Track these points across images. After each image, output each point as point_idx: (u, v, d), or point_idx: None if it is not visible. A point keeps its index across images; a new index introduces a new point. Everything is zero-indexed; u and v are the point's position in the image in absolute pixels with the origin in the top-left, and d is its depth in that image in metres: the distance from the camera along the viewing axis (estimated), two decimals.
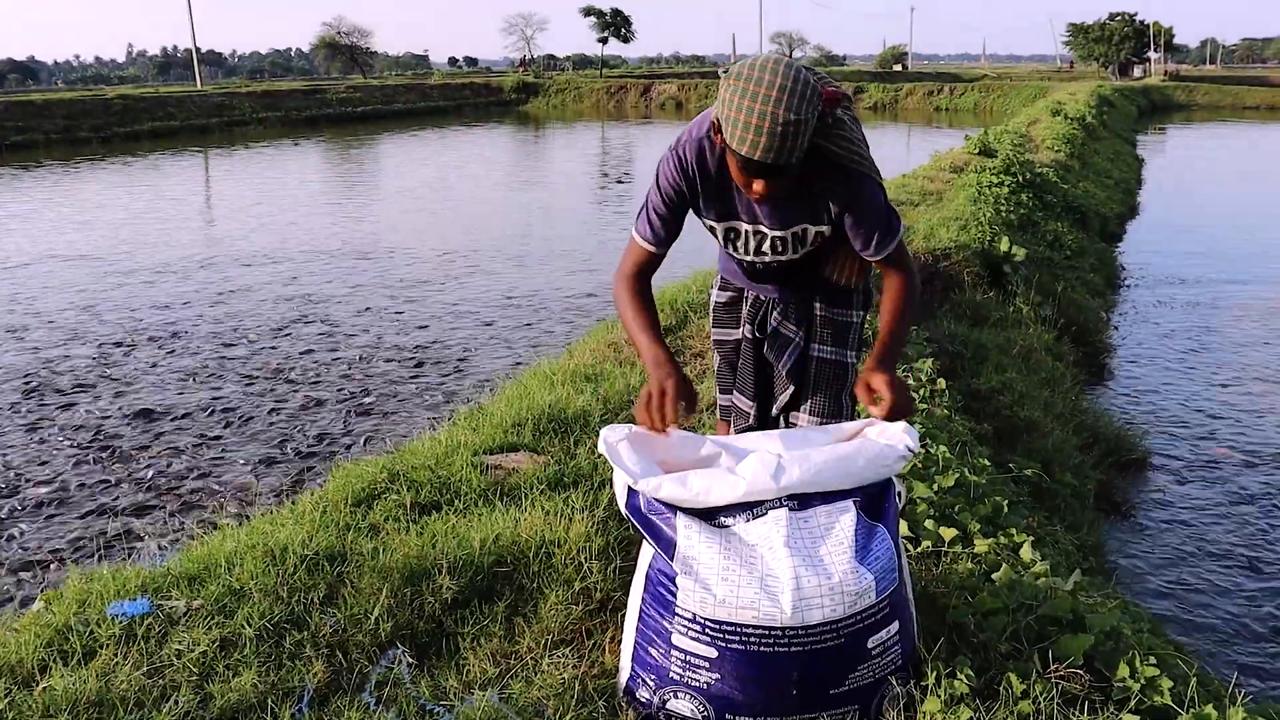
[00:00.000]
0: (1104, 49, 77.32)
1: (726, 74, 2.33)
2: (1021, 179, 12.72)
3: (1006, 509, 3.76)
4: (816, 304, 2.89)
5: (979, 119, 43.47)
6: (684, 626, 2.37)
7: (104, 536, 5.56)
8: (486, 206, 20.30)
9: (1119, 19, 77.53)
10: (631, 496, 2.47)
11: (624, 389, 4.75)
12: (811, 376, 2.91)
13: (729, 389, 3.07)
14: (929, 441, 4.29)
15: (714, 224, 2.73)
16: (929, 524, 3.41)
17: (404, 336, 9.89)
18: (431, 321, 10.50)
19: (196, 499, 6.11)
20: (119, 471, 6.55)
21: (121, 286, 12.24)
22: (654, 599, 2.44)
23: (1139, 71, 77.93)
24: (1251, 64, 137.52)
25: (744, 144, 2.28)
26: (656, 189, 2.65)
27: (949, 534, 3.34)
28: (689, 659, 2.37)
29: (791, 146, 2.28)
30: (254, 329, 10.16)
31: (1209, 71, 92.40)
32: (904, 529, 3.33)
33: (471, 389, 7.91)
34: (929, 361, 5.66)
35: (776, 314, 2.91)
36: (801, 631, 2.30)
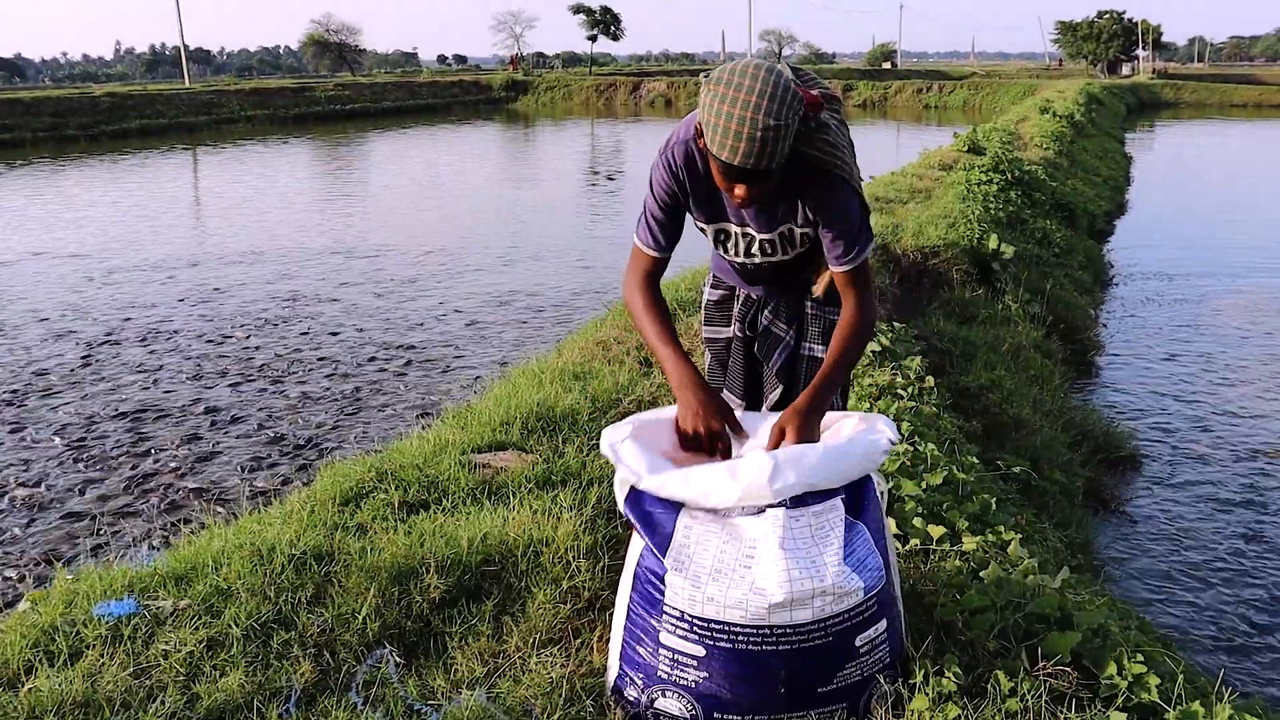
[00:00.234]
0: (1092, 47, 77.53)
1: (707, 79, 2.33)
2: (1010, 176, 12.75)
3: (995, 507, 3.77)
4: (807, 303, 2.90)
5: (968, 117, 43.55)
6: (672, 625, 2.37)
7: (91, 536, 5.54)
8: (475, 204, 20.28)
9: (1107, 17, 77.73)
10: (631, 492, 2.48)
11: (612, 387, 4.75)
12: (801, 375, 2.91)
13: (719, 387, 3.07)
14: (918, 439, 4.30)
15: (704, 225, 2.74)
16: (917, 522, 3.41)
17: (392, 335, 9.88)
18: (420, 320, 10.48)
19: (184, 498, 6.09)
20: (105, 471, 6.52)
21: (109, 284, 12.20)
22: (642, 597, 2.44)
23: (1127, 69, 78.15)
24: (1239, 62, 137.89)
25: (724, 149, 2.28)
26: (651, 195, 2.65)
27: (937, 532, 3.35)
28: (677, 657, 2.37)
29: (772, 152, 2.28)
30: (242, 327, 10.13)
31: (1197, 69, 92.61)
32: (892, 527, 3.33)
33: (460, 388, 7.90)
34: (917, 359, 5.67)
35: (767, 313, 2.92)
36: (790, 630, 2.30)
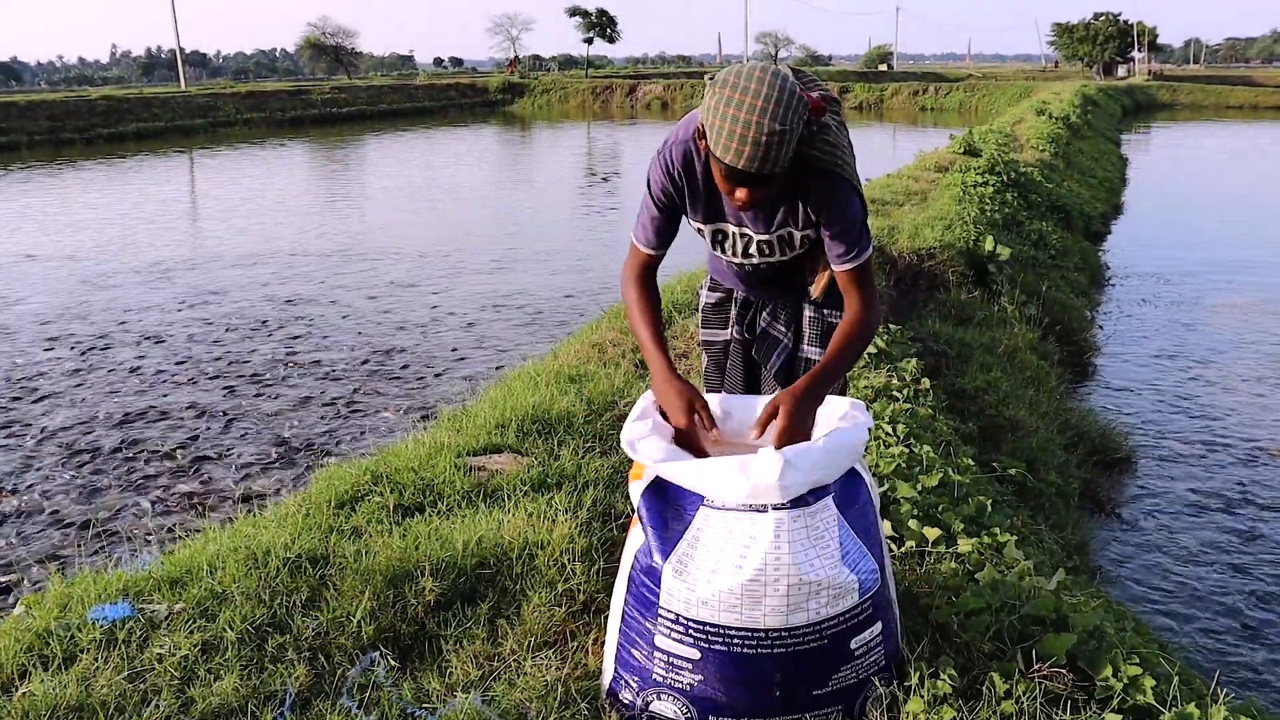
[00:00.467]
0: (1089, 49, 77.64)
1: (712, 81, 2.32)
2: (1006, 178, 12.75)
3: (990, 508, 3.77)
4: (805, 306, 2.89)
5: (964, 119, 43.57)
6: (666, 628, 2.36)
7: (85, 540, 5.53)
8: (472, 207, 20.28)
9: (1103, 19, 77.85)
10: (654, 482, 2.46)
11: (608, 389, 4.74)
12: (798, 378, 2.90)
13: (717, 390, 3.07)
14: (913, 441, 4.30)
15: (701, 226, 2.73)
16: (913, 524, 3.41)
17: (388, 338, 9.87)
18: (416, 323, 10.48)
19: (179, 502, 6.08)
20: (100, 475, 6.51)
21: (105, 287, 12.18)
22: (636, 600, 2.44)
23: (1123, 71, 78.27)
24: (1235, 64, 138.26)
25: (728, 153, 2.27)
26: (648, 194, 2.65)
27: (933, 534, 3.34)
28: (672, 660, 2.37)
29: (776, 156, 2.27)
30: (238, 330, 10.12)
31: (1192, 71, 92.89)
32: (887, 529, 3.33)
33: (455, 390, 7.90)
34: (913, 361, 5.67)
35: (765, 315, 2.92)
36: (785, 633, 2.30)
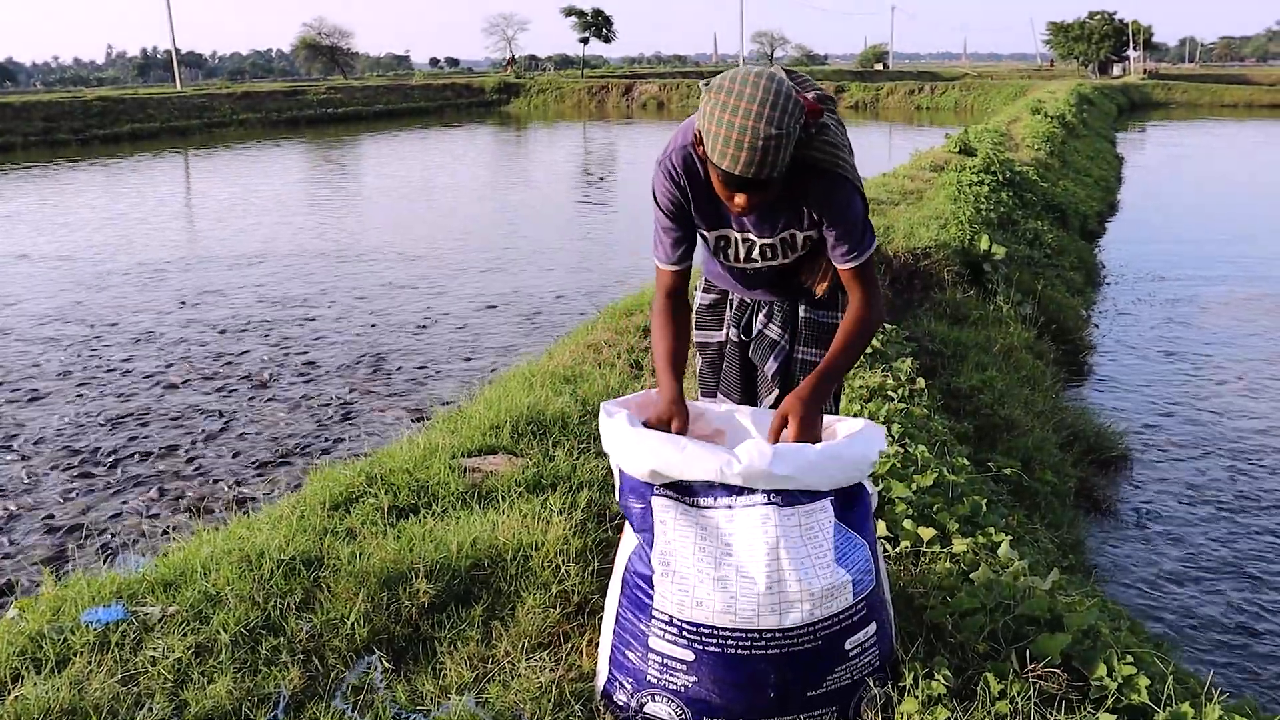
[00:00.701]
0: (1084, 47, 77.75)
1: (707, 87, 2.31)
2: (1001, 177, 12.76)
3: (985, 508, 3.77)
4: (801, 307, 2.89)
5: (959, 118, 43.61)
6: (661, 629, 2.36)
7: (78, 543, 5.51)
8: (468, 207, 20.26)
9: (1098, 18, 77.96)
10: (624, 480, 2.47)
11: (603, 390, 4.75)
12: (795, 379, 2.90)
13: (711, 392, 3.06)
14: (908, 441, 4.29)
15: (705, 232, 2.71)
16: (907, 524, 3.41)
17: (384, 338, 9.86)
18: (411, 323, 10.47)
19: (172, 504, 6.07)
20: (93, 477, 6.49)
21: (100, 288, 12.16)
22: (631, 601, 2.44)
23: (1118, 70, 78.41)
24: (1230, 62, 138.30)
25: (725, 158, 2.26)
26: (657, 207, 2.63)
27: (927, 534, 3.34)
28: (666, 662, 2.37)
29: (773, 161, 2.26)
30: (233, 331, 10.11)
31: (1188, 70, 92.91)
32: (882, 529, 3.34)
33: (450, 391, 7.89)
34: (908, 361, 5.67)
35: (761, 316, 2.91)
36: (779, 634, 2.30)
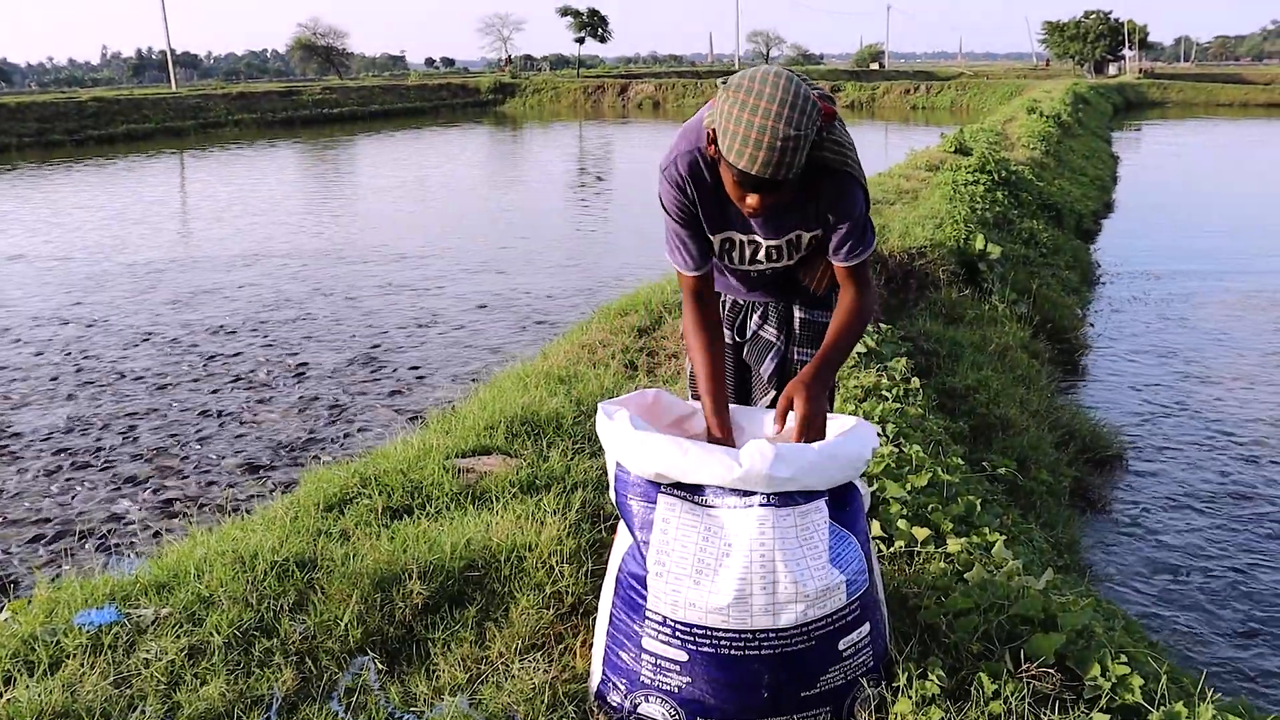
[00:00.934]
0: (1079, 47, 77.71)
1: (725, 86, 2.29)
2: (997, 177, 12.77)
3: (980, 508, 3.77)
4: (796, 308, 2.88)
5: (955, 117, 43.65)
6: (654, 630, 2.36)
7: (71, 545, 5.50)
8: (463, 207, 20.25)
9: (1094, 17, 77.92)
10: (619, 480, 2.46)
11: (597, 390, 4.74)
12: (790, 379, 2.90)
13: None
14: (903, 441, 4.29)
15: (710, 236, 2.69)
16: (902, 524, 3.41)
17: (379, 339, 9.84)
18: (406, 324, 10.45)
19: (166, 506, 6.05)
20: (85, 478, 6.48)
21: (94, 290, 12.13)
22: (624, 602, 2.43)
23: (1114, 69, 78.37)
24: (1225, 61, 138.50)
25: (742, 158, 2.24)
26: (667, 215, 2.62)
27: (922, 534, 3.34)
28: (659, 662, 2.36)
29: (791, 162, 2.25)
30: (227, 332, 10.08)
31: (1183, 69, 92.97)
32: (876, 529, 3.34)
33: (444, 392, 7.88)
34: (903, 360, 5.67)
35: (756, 318, 2.90)
36: (772, 634, 2.30)
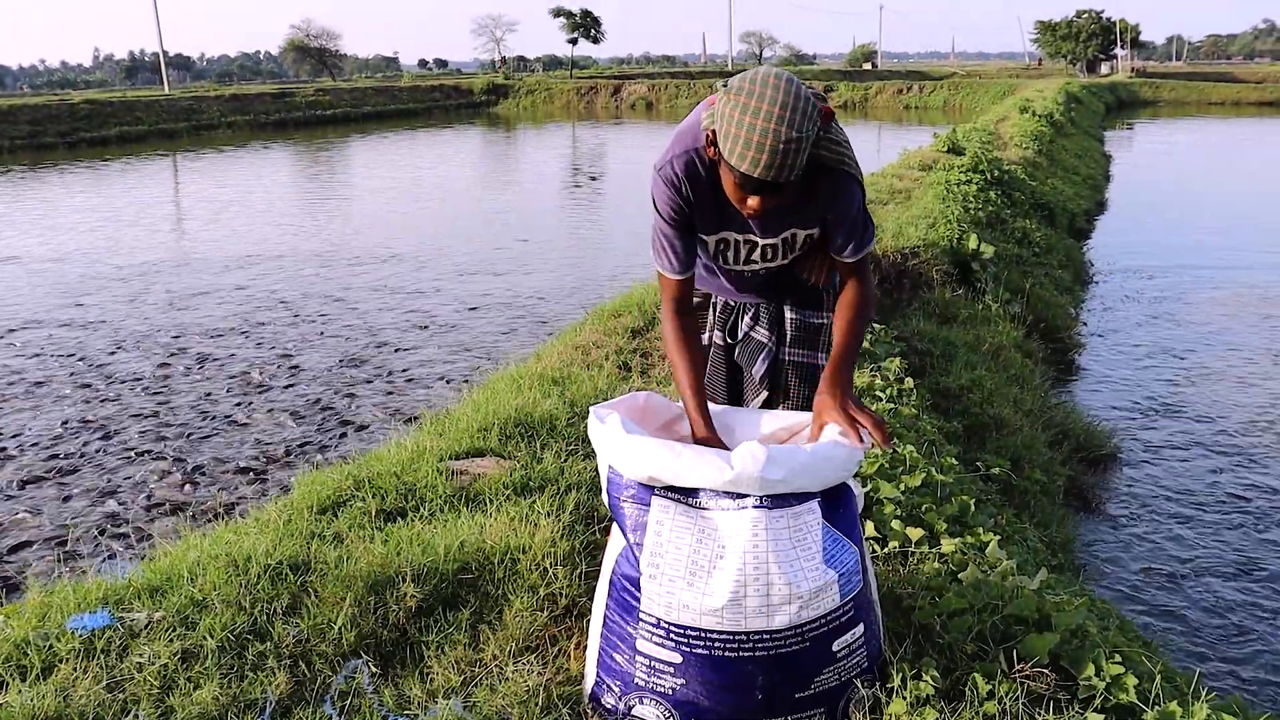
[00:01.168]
0: (1072, 46, 77.84)
1: (725, 88, 2.29)
2: (990, 176, 12.77)
3: (973, 508, 3.77)
4: (787, 308, 2.88)
5: (948, 117, 43.68)
6: (648, 632, 2.36)
7: (64, 548, 5.49)
8: (457, 209, 20.24)
9: (1086, 16, 78.03)
10: (611, 483, 2.46)
11: (591, 392, 4.74)
12: (784, 380, 2.90)
13: None
14: (896, 441, 4.29)
15: (705, 237, 2.68)
16: (895, 524, 3.40)
17: (373, 340, 9.83)
18: (400, 325, 10.44)
19: (159, 509, 6.04)
20: (76, 482, 6.46)
21: (88, 292, 12.11)
22: (618, 604, 2.43)
23: (1106, 68, 78.53)
24: (1217, 60, 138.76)
25: (744, 161, 2.24)
26: (659, 216, 2.60)
27: (916, 534, 3.34)
28: (653, 664, 2.36)
29: (793, 164, 2.25)
30: (220, 334, 10.06)
31: (1175, 68, 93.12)
32: (870, 529, 3.34)
33: (438, 393, 7.87)
34: (896, 360, 5.67)
35: (748, 319, 2.90)
36: (766, 636, 2.30)
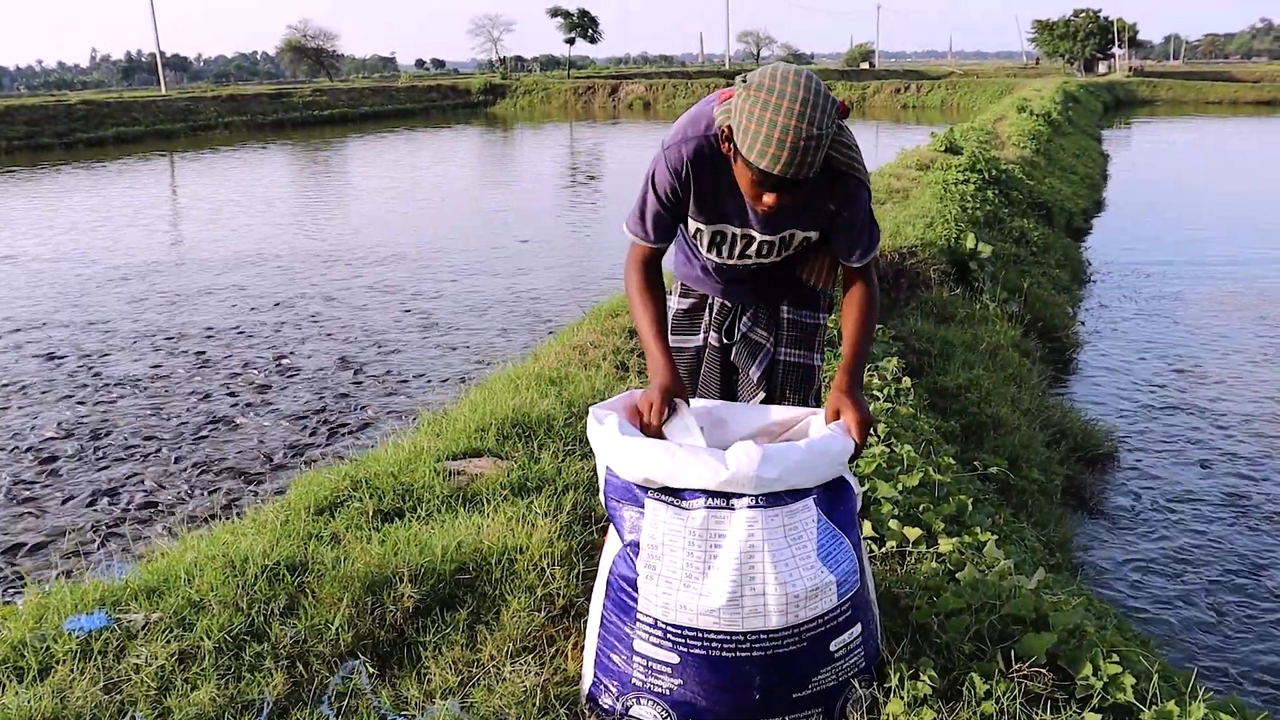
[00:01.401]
0: (1069, 45, 77.89)
1: (745, 84, 2.27)
2: (987, 176, 12.78)
3: (971, 507, 3.77)
4: (783, 308, 2.88)
5: (946, 116, 43.68)
6: (645, 632, 2.36)
7: (60, 550, 5.48)
8: (455, 209, 20.22)
9: (1084, 15, 78.07)
10: (609, 484, 2.46)
11: (588, 392, 4.73)
12: (779, 381, 2.90)
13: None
14: (894, 441, 4.29)
15: (701, 226, 2.67)
16: (893, 524, 3.41)
17: (370, 341, 9.82)
18: (397, 326, 10.44)
19: (156, 509, 6.03)
20: (74, 482, 6.46)
21: (85, 292, 12.08)
22: (615, 604, 2.43)
23: (1104, 67, 78.59)
24: (1214, 59, 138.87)
25: (764, 158, 2.22)
26: (651, 188, 2.59)
27: (913, 534, 3.34)
28: (651, 665, 2.36)
29: (813, 161, 2.24)
30: (217, 335, 10.05)
31: (1172, 67, 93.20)
32: (867, 529, 3.34)
33: (435, 394, 7.87)
34: (894, 360, 5.67)
35: (745, 319, 2.89)
36: (763, 636, 2.30)
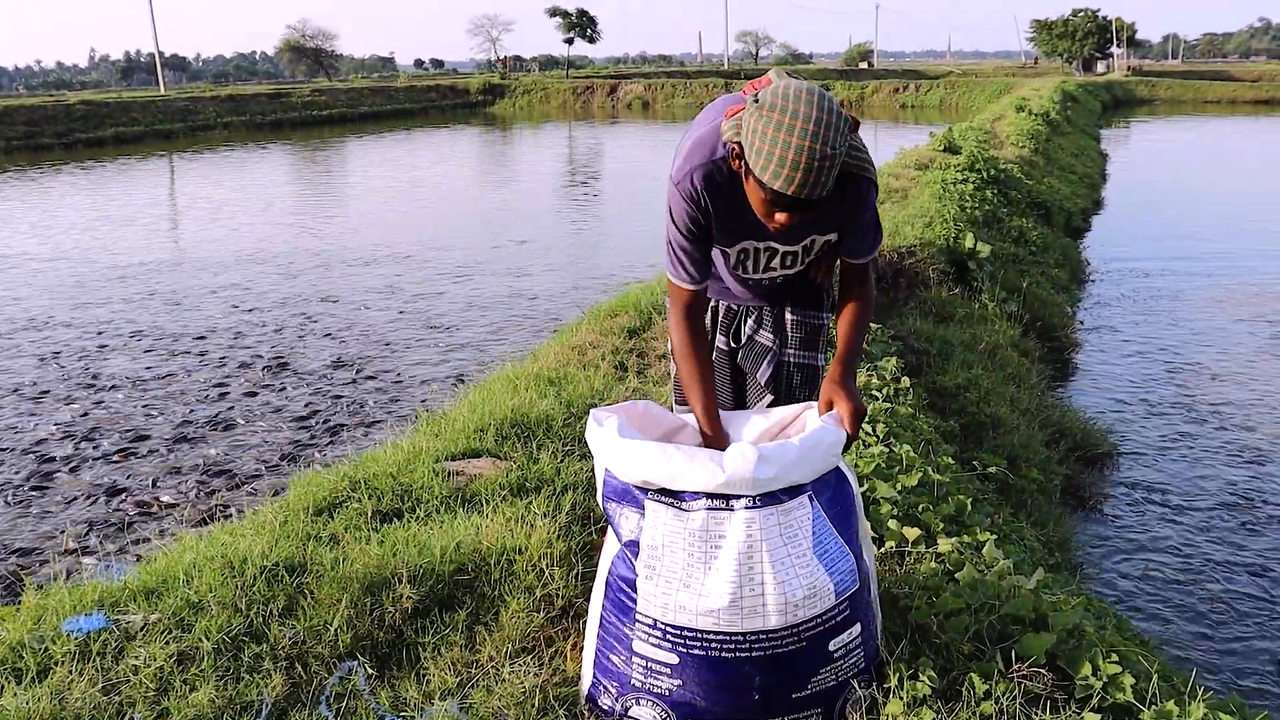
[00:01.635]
0: (1068, 45, 77.87)
1: (757, 104, 2.23)
2: (986, 175, 12.78)
3: (970, 507, 3.77)
4: (788, 310, 2.88)
5: (944, 115, 43.69)
6: (644, 632, 2.36)
7: (58, 551, 5.48)
8: (454, 209, 20.22)
9: (1082, 15, 78.06)
10: (607, 485, 2.46)
11: (587, 392, 4.73)
12: (784, 382, 2.90)
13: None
14: (893, 440, 4.29)
15: (727, 249, 2.65)
16: (892, 524, 3.41)
17: (368, 341, 9.81)
18: (396, 326, 10.43)
19: (155, 510, 6.03)
20: (73, 483, 6.46)
21: (83, 292, 12.08)
22: (614, 605, 2.43)
23: (1102, 67, 78.57)
24: (1212, 59, 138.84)
25: (777, 179, 2.19)
26: (674, 227, 2.55)
27: (912, 534, 3.34)
28: (650, 665, 2.36)
29: (826, 181, 2.21)
30: (216, 335, 10.05)
31: (1171, 66, 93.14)
32: (867, 529, 3.33)
33: (434, 394, 7.86)
34: (893, 360, 5.67)
35: (750, 322, 2.89)
36: (762, 636, 2.29)
